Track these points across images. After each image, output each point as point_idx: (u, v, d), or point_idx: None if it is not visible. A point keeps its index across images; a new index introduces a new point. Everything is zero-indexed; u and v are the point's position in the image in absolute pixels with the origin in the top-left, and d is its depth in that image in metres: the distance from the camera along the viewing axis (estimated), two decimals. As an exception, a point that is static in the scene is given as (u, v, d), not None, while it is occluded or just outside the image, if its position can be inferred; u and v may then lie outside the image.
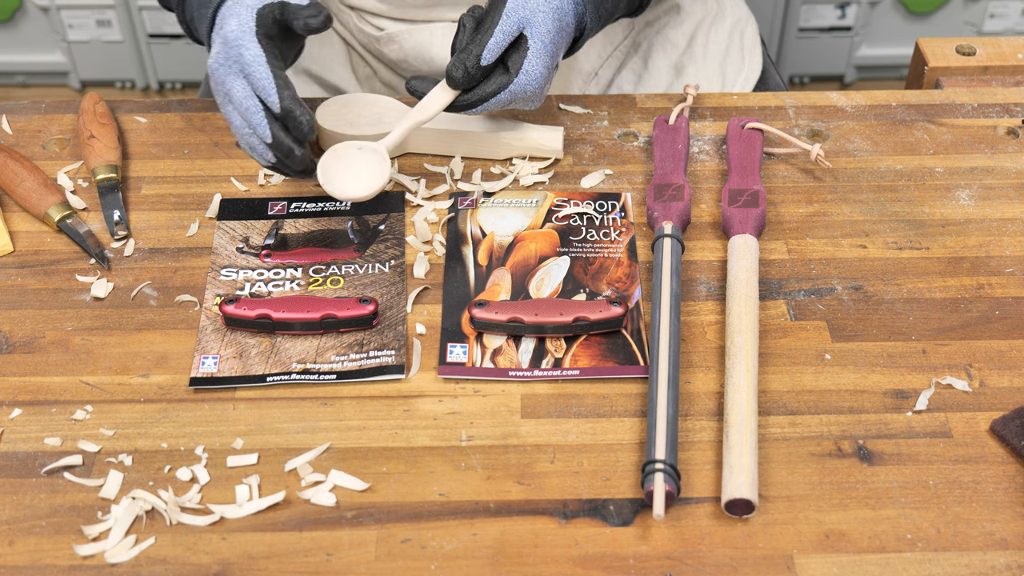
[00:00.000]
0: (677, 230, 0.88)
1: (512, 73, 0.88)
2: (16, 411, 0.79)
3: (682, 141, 0.96)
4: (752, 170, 0.93)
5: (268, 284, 0.87)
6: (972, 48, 1.10)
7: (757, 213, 0.89)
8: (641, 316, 0.84)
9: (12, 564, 0.70)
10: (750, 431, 0.74)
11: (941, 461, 0.75)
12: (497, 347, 0.82)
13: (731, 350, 0.79)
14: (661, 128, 0.98)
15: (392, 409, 0.79)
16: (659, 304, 0.82)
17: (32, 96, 2.21)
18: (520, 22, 0.87)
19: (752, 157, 0.95)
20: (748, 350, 0.79)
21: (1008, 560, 0.69)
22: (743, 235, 0.88)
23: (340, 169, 0.87)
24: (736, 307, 0.82)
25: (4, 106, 1.05)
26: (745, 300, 0.82)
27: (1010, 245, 0.90)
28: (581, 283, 0.87)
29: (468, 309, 0.84)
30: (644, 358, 0.81)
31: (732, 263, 0.86)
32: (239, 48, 0.84)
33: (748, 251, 0.86)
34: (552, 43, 0.89)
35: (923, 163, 0.98)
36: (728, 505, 0.71)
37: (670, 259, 0.85)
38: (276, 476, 0.75)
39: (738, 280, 0.84)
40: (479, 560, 0.70)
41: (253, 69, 0.84)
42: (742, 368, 0.78)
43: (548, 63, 0.89)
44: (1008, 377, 0.80)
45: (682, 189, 0.91)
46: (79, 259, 0.90)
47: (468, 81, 0.88)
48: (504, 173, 0.97)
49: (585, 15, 0.93)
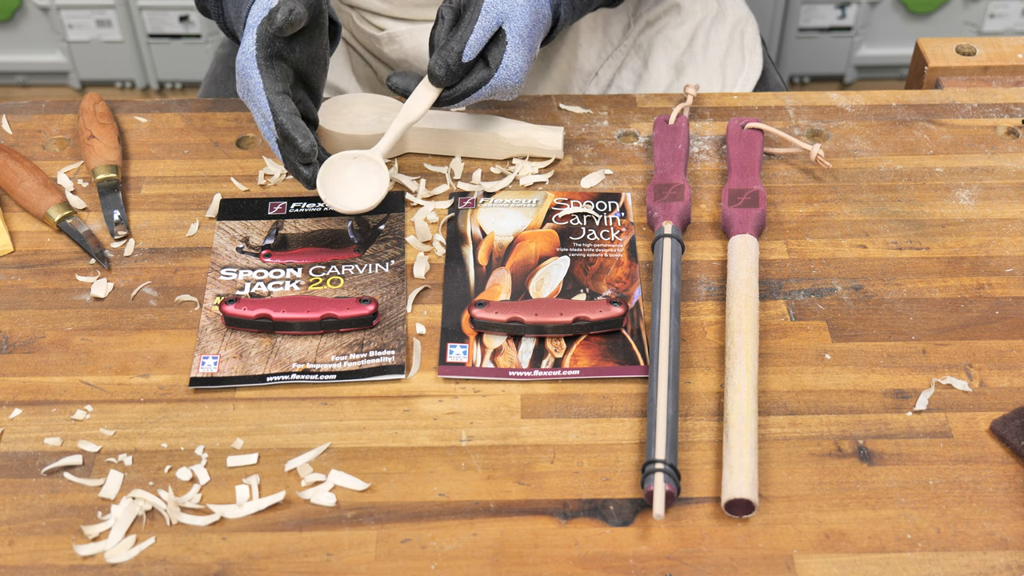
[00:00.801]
0: (677, 230, 0.88)
1: (492, 68, 0.89)
2: (16, 411, 0.79)
3: (682, 141, 0.96)
4: (752, 170, 0.93)
5: (268, 284, 0.87)
6: (972, 48, 1.10)
7: (757, 213, 0.89)
8: (641, 316, 0.84)
9: (12, 564, 0.70)
10: (750, 431, 0.74)
11: (941, 461, 0.75)
12: (497, 347, 0.82)
13: (731, 350, 0.79)
14: (661, 128, 0.98)
15: (392, 409, 0.79)
16: (659, 304, 0.82)
17: (32, 96, 2.21)
18: (499, 17, 0.88)
19: (752, 157, 0.95)
20: (748, 350, 0.79)
21: (1008, 560, 0.69)
22: (743, 235, 0.88)
23: (340, 183, 0.87)
24: (736, 307, 0.82)
25: (4, 106, 1.05)
26: (745, 300, 0.82)
27: (1010, 245, 0.90)
28: (581, 283, 0.87)
29: (468, 309, 0.84)
30: (644, 358, 0.81)
31: (732, 263, 0.86)
32: (246, 77, 0.86)
33: (748, 251, 0.86)
34: (530, 36, 0.90)
35: (923, 163, 0.98)
36: (728, 505, 0.71)
37: (670, 259, 0.85)
38: (276, 476, 0.75)
39: (738, 280, 0.84)
40: (479, 560, 0.70)
41: (255, 97, 0.85)
42: (742, 368, 0.78)
43: (527, 56, 0.90)
44: (1008, 377, 0.80)
45: (682, 189, 0.91)
46: (79, 259, 0.90)
47: (451, 79, 0.88)
48: (504, 173, 0.97)
49: (560, 6, 0.94)
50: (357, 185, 0.88)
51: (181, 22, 2.13)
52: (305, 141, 0.84)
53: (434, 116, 0.98)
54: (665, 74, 1.15)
